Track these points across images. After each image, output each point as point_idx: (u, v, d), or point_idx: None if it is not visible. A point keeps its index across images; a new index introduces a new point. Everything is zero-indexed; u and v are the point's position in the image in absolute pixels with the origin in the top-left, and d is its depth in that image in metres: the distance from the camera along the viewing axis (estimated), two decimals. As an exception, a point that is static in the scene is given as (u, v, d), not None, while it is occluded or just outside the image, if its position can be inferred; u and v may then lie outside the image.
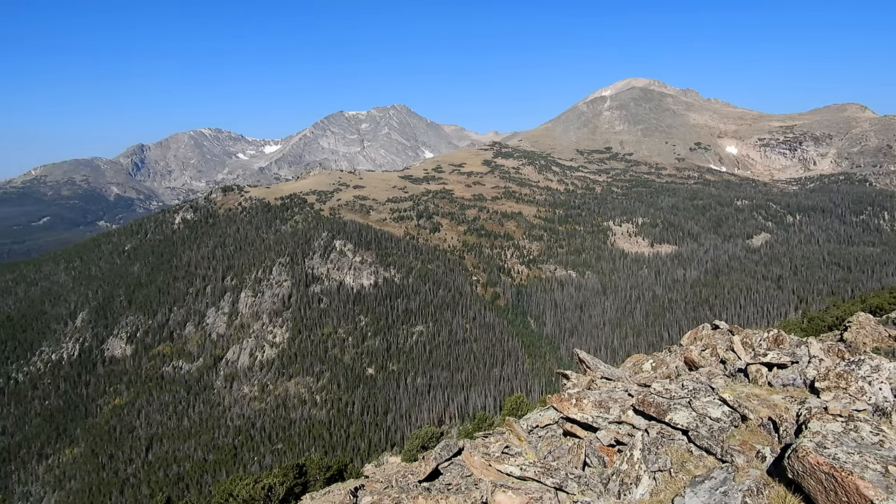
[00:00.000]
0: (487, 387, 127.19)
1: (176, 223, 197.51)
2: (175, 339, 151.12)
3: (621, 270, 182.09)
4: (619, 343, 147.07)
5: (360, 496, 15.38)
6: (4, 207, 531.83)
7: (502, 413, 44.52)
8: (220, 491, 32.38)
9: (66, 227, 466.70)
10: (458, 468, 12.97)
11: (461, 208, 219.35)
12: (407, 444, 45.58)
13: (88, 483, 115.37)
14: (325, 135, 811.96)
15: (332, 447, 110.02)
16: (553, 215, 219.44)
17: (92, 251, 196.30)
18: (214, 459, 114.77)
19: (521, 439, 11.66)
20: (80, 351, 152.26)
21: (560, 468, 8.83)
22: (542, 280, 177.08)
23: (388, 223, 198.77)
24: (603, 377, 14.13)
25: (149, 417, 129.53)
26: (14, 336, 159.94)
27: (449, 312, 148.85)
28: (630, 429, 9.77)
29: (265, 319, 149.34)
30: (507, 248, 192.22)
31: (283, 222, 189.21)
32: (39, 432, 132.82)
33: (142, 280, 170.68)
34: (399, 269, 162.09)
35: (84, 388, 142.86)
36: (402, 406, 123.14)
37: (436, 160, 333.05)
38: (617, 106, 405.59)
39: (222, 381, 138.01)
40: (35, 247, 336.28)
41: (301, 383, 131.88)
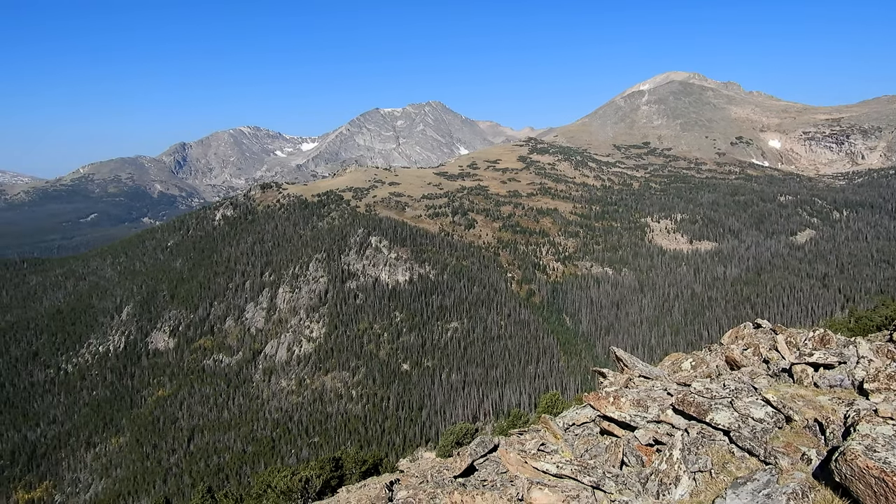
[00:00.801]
0: (522, 384, 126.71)
1: (216, 220, 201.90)
2: (216, 333, 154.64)
3: (659, 267, 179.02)
4: (656, 341, 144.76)
5: (395, 490, 15.51)
6: (55, 204, 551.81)
7: (537, 411, 44.29)
8: (259, 482, 33.05)
9: (113, 223, 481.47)
10: (494, 465, 12.96)
11: (496, 205, 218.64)
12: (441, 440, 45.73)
13: (133, 471, 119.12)
14: (361, 132, 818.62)
15: (367, 441, 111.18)
16: (589, 211, 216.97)
17: (136, 247, 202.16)
18: (253, 451, 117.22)
19: (558, 437, 11.58)
20: (125, 343, 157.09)
21: (597, 467, 8.74)
22: (578, 277, 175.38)
23: (424, 220, 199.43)
24: (641, 376, 13.92)
25: (190, 409, 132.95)
26: (64, 328, 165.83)
27: (484, 309, 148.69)
28: (669, 428, 9.61)
29: (302, 315, 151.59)
30: (543, 244, 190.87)
31: (319, 219, 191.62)
32: (88, 421, 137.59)
33: (184, 275, 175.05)
34: (434, 265, 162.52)
35: (129, 379, 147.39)
36: (437, 402, 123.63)
37: (471, 156, 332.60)
38: (655, 100, 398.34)
39: (261, 374, 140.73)
40: (83, 242, 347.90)
41: (337, 378, 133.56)
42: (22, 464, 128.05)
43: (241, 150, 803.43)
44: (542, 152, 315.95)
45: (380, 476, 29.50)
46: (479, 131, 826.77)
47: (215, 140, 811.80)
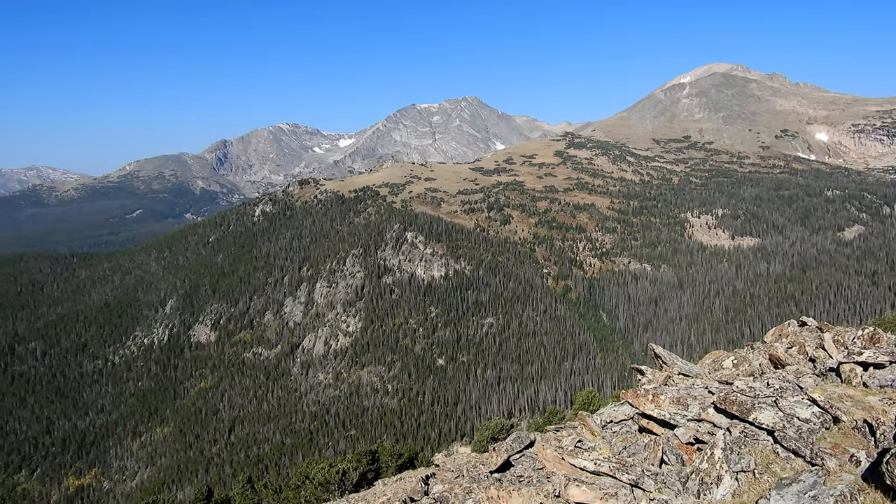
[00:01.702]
0: (558, 380, 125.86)
1: (256, 216, 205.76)
2: (255, 327, 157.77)
3: (699, 264, 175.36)
4: (696, 339, 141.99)
5: (431, 484, 15.60)
6: (102, 201, 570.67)
7: (573, 407, 43.96)
8: (298, 473, 33.65)
9: (157, 219, 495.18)
10: (530, 461, 12.92)
11: (532, 200, 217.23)
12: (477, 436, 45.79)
13: (177, 460, 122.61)
14: (398, 128, 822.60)
15: (402, 435, 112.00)
16: (627, 207, 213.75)
17: (179, 242, 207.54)
18: (292, 443, 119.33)
19: (595, 434, 11.48)
20: (169, 336, 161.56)
21: (636, 465, 8.63)
22: (616, 273, 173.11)
23: (459, 215, 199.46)
24: (680, 373, 13.68)
25: (231, 401, 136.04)
26: (111, 321, 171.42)
27: (519, 305, 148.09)
28: (711, 427, 9.43)
29: (339, 309, 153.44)
30: (579, 240, 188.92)
31: (356, 214, 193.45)
32: (134, 411, 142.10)
33: (225, 270, 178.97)
34: (469, 261, 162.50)
35: (173, 371, 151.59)
36: (472, 397, 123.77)
37: (507, 152, 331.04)
38: (697, 93, 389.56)
39: (299, 367, 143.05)
40: (129, 238, 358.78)
41: (373, 372, 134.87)
42: (72, 451, 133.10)
43: (279, 147, 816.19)
44: (579, 147, 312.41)
45: (415, 470, 29.71)
46: (515, 126, 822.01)
47: (255, 137, 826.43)
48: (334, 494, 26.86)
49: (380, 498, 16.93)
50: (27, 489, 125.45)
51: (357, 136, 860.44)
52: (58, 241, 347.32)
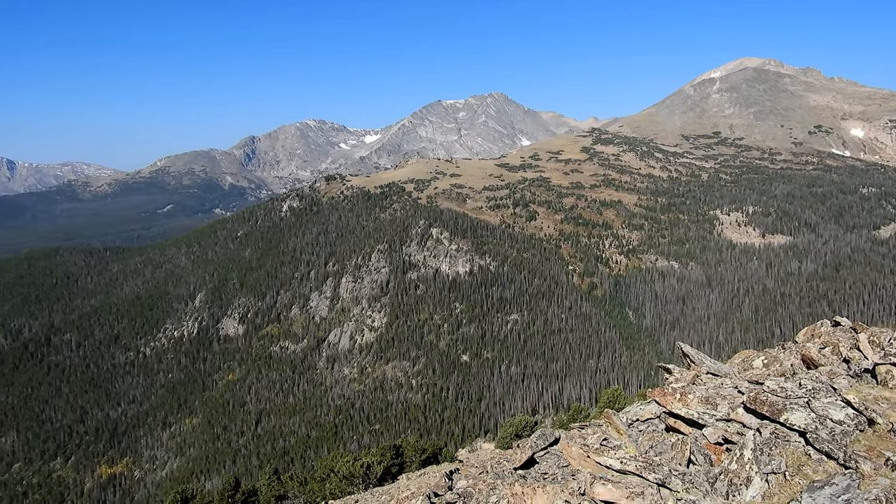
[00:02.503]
0: (583, 378, 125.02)
1: (283, 211, 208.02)
2: (282, 321, 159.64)
3: (728, 262, 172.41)
4: (724, 338, 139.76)
5: (455, 479, 15.62)
6: (134, 196, 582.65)
7: (598, 405, 43.63)
8: (323, 466, 33.98)
9: (187, 214, 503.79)
10: (554, 458, 12.85)
11: (558, 196, 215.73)
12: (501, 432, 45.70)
13: (205, 451, 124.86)
14: (423, 124, 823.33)
15: (426, 430, 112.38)
16: (655, 203, 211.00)
17: (209, 237, 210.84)
18: (317, 436, 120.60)
19: (621, 432, 11.37)
20: (198, 329, 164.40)
21: (663, 464, 8.52)
22: (642, 271, 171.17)
23: (484, 211, 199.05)
24: (709, 373, 13.47)
25: (258, 393, 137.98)
26: (142, 314, 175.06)
27: (544, 302, 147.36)
28: (740, 427, 9.26)
29: (364, 304, 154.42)
30: (606, 237, 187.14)
31: (381, 210, 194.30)
32: (164, 402, 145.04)
33: (252, 264, 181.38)
34: (494, 257, 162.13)
35: (202, 363, 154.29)
36: (496, 394, 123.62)
37: (533, 147, 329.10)
38: (727, 88, 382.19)
39: (324, 361, 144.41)
40: (160, 232, 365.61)
41: (398, 367, 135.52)
42: (105, 440, 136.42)
43: (306, 143, 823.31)
44: (606, 143, 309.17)
45: (439, 465, 29.79)
46: (541, 122, 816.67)
47: (283, 133, 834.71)
48: (359, 488, 27.07)
49: (404, 492, 17.01)
50: (62, 476, 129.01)
51: (383, 133, 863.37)
52: (92, 236, 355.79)
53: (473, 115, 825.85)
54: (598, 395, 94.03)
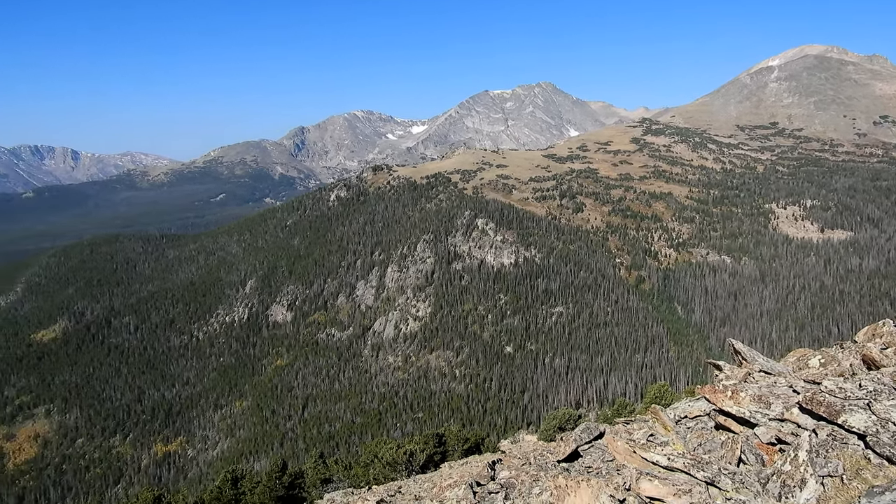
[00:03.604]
0: (628, 373, 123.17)
1: (331, 200, 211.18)
2: (328, 309, 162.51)
3: (784, 257, 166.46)
4: (777, 336, 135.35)
5: (497, 470, 15.64)
6: (189, 185, 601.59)
7: (644, 401, 42.93)
8: (367, 452, 34.54)
9: (238, 203, 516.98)
10: (599, 452, 12.72)
11: (606, 188, 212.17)
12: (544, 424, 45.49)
13: (254, 433, 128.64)
14: (470, 114, 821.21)
15: (469, 420, 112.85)
16: (707, 196, 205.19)
17: (259, 225, 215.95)
18: (361, 422, 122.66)
19: (668, 429, 11.15)
20: (248, 315, 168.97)
21: (712, 462, 8.32)
22: (692, 265, 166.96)
23: (531, 202, 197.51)
24: (761, 371, 13.06)
25: (305, 379, 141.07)
26: (196, 299, 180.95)
27: (590, 294, 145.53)
28: (794, 428, 8.95)
29: (409, 294, 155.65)
30: (655, 230, 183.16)
31: (428, 201, 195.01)
32: (215, 385, 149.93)
33: (301, 253, 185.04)
34: (540, 248, 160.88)
35: (251, 348, 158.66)
36: (539, 386, 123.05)
37: (581, 138, 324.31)
38: (786, 77, 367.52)
39: (370, 350, 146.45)
40: (213, 220, 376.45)
41: (441, 357, 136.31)
42: (160, 419, 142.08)
43: (354, 134, 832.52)
44: (656, 133, 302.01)
45: (481, 455, 29.86)
46: (589, 112, 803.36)
47: (331, 124, 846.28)
48: (401, 474, 27.40)
49: (446, 480, 17.12)
50: (121, 452, 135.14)
51: (429, 123, 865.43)
52: (149, 223, 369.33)
53: (521, 105, 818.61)
54: (643, 390, 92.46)
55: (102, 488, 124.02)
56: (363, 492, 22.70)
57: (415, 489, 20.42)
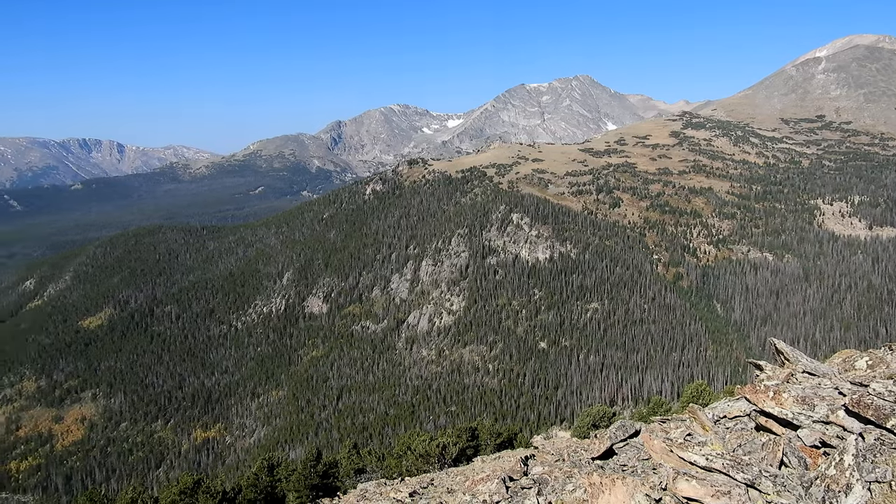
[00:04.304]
0: (665, 371, 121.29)
1: (367, 194, 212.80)
2: (363, 301, 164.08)
3: (829, 255, 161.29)
4: (822, 336, 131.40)
5: (530, 465, 15.60)
6: (229, 178, 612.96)
7: (682, 400, 42.23)
8: (400, 443, 34.83)
9: (276, 196, 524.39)
10: (634, 450, 12.56)
11: (644, 183, 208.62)
12: (577, 421, 45.17)
13: (290, 422, 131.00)
14: (506, 108, 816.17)
15: (502, 415, 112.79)
16: (749, 191, 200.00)
17: (296, 218, 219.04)
18: (395, 414, 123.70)
19: (706, 429, 10.94)
20: (285, 306, 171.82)
21: (752, 464, 8.12)
22: (733, 262, 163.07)
23: (566, 197, 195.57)
24: (805, 371, 12.68)
25: (340, 370, 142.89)
26: (235, 290, 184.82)
27: (626, 291, 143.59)
28: (840, 431, 8.67)
29: (444, 288, 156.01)
30: (694, 226, 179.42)
31: (462, 195, 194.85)
32: (253, 374, 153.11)
33: (337, 245, 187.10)
34: (575, 244, 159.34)
35: (288, 339, 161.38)
36: (573, 382, 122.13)
37: (618, 132, 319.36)
38: (834, 68, 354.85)
39: (403, 342, 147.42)
40: (252, 213, 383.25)
41: (475, 351, 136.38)
42: (200, 406, 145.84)
43: (390, 128, 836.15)
44: (697, 127, 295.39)
45: (514, 450, 29.82)
46: (628, 105, 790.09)
47: (368, 118, 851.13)
48: (434, 467, 27.55)
49: (479, 474, 17.15)
50: (162, 437, 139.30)
51: (465, 117, 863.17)
52: (191, 215, 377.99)
53: (557, 98, 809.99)
54: (680, 389, 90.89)
55: (144, 471, 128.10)
56: (396, 483, 22.91)
57: (447, 482, 20.51)
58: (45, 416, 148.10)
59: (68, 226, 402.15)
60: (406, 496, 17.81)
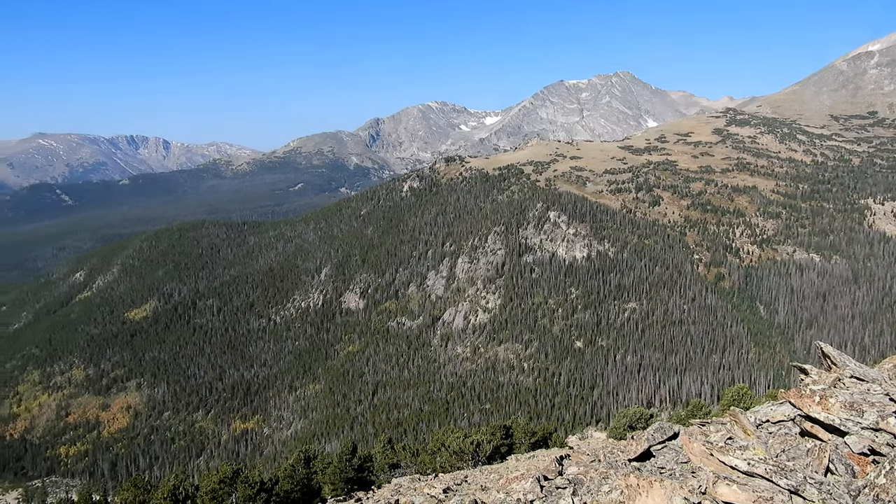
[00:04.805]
0: (704, 373, 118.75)
1: (404, 191, 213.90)
2: (399, 298, 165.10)
3: (880, 257, 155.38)
4: (871, 341, 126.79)
5: (565, 465, 15.47)
6: (270, 175, 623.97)
7: (722, 403, 41.33)
8: (434, 440, 34.98)
9: (315, 192, 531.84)
10: (672, 453, 12.34)
11: (685, 181, 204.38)
12: (614, 422, 44.64)
13: (326, 416, 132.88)
14: (545, 105, 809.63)
15: (536, 414, 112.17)
16: (795, 190, 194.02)
17: (334, 215, 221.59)
18: (429, 410, 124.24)
19: (748, 433, 10.67)
20: (323, 301, 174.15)
21: (797, 470, 7.89)
22: (777, 263, 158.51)
23: (605, 195, 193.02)
24: (853, 377, 12.26)
25: (375, 365, 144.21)
26: (274, 284, 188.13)
27: (665, 291, 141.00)
28: (890, 438, 8.35)
29: (479, 285, 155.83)
30: (737, 225, 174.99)
31: (499, 192, 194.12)
32: (291, 367, 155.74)
33: (374, 242, 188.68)
34: (613, 242, 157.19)
35: (325, 333, 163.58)
36: (610, 383, 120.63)
37: (659, 129, 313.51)
38: (888, 62, 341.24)
39: (439, 339, 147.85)
40: (291, 209, 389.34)
41: (510, 349, 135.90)
42: (239, 398, 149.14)
43: (428, 125, 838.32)
44: (741, 124, 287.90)
45: (548, 449, 29.63)
46: (669, 102, 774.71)
47: (406, 115, 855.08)
48: (468, 464, 27.58)
49: (513, 472, 17.10)
50: (203, 426, 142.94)
51: (503, 114, 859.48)
52: (232, 210, 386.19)
53: (597, 95, 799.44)
54: (720, 392, 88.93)
55: (186, 459, 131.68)
56: (430, 479, 23.01)
57: (481, 479, 20.51)
58: (93, 404, 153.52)
59: (116, 220, 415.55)
60: (440, 492, 17.88)
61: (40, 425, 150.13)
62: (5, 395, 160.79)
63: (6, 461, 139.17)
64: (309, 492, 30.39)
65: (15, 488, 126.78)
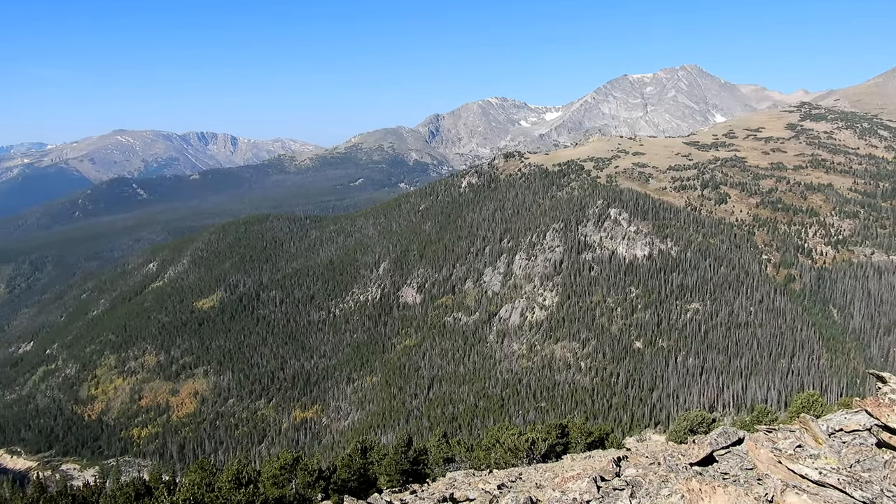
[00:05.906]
0: (771, 378, 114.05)
1: (462, 187, 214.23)
2: (456, 293, 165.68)
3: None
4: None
5: (623, 466, 15.19)
6: (331, 170, 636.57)
7: (790, 409, 39.60)
8: (489, 436, 35.01)
9: (375, 187, 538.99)
10: (736, 459, 11.93)
11: (754, 178, 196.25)
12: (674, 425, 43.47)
13: (383, 408, 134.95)
14: (607, 100, 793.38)
15: (593, 414, 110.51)
16: (875, 189, 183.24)
17: (394, 210, 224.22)
18: (484, 406, 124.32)
19: (820, 441, 10.20)
20: (381, 295, 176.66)
21: (873, 482, 7.50)
22: (853, 265, 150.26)
23: (668, 192, 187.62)
24: (938, 386, 11.52)
25: (431, 360, 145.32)
26: (334, 277, 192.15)
27: (731, 292, 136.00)
28: (979, 454, 7.82)
29: (537, 282, 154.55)
30: (810, 224, 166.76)
31: (559, 188, 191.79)
32: (349, 359, 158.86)
33: (431, 237, 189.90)
34: (677, 241, 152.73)
35: (382, 327, 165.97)
36: (670, 385, 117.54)
37: (727, 124, 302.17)
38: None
39: (495, 336, 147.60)
40: (352, 204, 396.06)
41: (567, 347, 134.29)
42: (299, 388, 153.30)
43: (487, 121, 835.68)
44: (816, 119, 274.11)
45: (605, 450, 29.16)
46: (739, 96, 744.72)
47: (465, 111, 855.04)
48: (522, 461, 27.47)
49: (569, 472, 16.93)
50: (265, 414, 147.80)
51: (564, 110, 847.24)
52: (295, 205, 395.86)
53: (662, 89, 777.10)
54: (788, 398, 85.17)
55: (248, 445, 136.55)
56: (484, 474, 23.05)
57: (535, 477, 20.39)
58: (163, 389, 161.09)
59: (187, 213, 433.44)
60: (494, 488, 17.89)
61: (115, 407, 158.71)
62: (84, 377, 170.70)
63: (85, 440, 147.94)
64: (365, 482, 30.98)
65: (92, 466, 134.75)
